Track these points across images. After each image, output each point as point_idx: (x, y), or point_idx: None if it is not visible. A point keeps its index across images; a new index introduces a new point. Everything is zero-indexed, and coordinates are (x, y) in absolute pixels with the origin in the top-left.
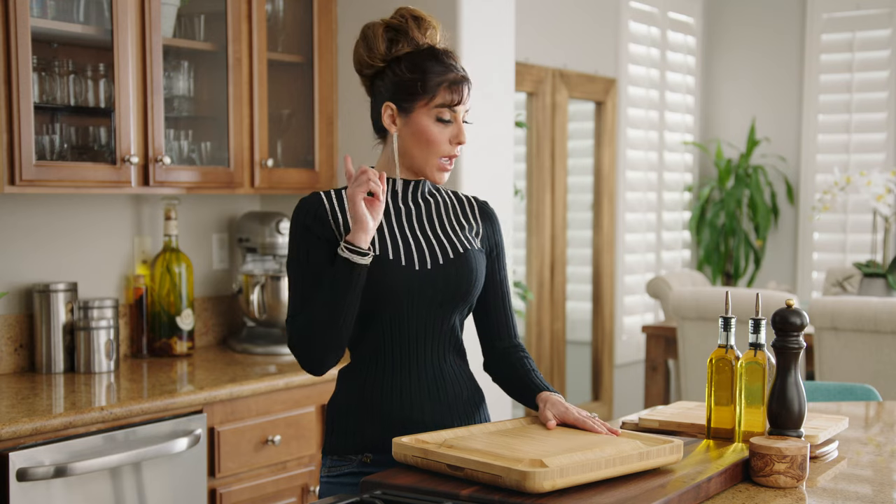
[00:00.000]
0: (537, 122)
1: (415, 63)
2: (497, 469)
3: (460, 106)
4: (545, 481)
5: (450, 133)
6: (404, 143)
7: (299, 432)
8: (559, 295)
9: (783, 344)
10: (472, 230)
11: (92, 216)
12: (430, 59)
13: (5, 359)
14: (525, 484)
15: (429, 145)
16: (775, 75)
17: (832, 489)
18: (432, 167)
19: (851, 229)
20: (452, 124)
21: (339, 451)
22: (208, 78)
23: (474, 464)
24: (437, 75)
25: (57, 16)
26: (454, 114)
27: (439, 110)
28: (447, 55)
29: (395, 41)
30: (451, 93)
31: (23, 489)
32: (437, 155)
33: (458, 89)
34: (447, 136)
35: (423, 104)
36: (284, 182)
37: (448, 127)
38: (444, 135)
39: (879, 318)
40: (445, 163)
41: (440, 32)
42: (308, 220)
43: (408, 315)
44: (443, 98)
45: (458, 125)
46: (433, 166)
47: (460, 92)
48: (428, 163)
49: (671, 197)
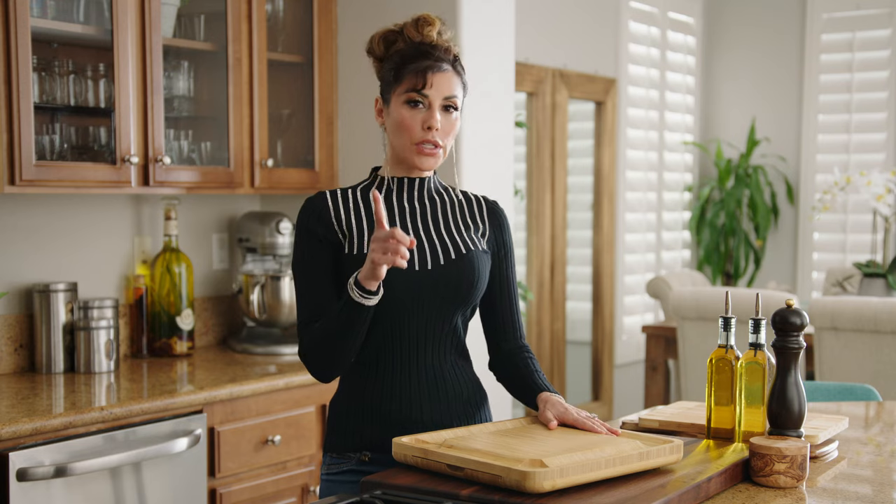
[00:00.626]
0: (537, 122)
1: (397, 55)
2: (497, 469)
3: (430, 91)
4: (545, 481)
5: (422, 119)
6: (389, 134)
7: (299, 432)
8: (559, 295)
9: (783, 344)
10: (477, 230)
11: (92, 216)
12: (410, 49)
13: (5, 359)
14: (525, 484)
15: (401, 130)
16: (775, 75)
17: (832, 489)
18: (411, 153)
19: (851, 229)
20: (425, 110)
21: (338, 449)
22: (208, 78)
23: (474, 464)
24: (409, 62)
25: (57, 16)
26: (426, 99)
27: (409, 94)
28: (430, 46)
29: (393, 42)
30: (417, 77)
31: (23, 489)
32: (411, 140)
33: (425, 74)
34: (419, 122)
35: (395, 92)
36: (284, 182)
37: (420, 113)
38: (416, 120)
39: (879, 318)
40: (425, 147)
41: (439, 29)
42: (311, 222)
43: (409, 316)
44: (409, 83)
45: (430, 111)
46: (411, 152)
47: (426, 77)
48: (405, 149)
49: (671, 197)
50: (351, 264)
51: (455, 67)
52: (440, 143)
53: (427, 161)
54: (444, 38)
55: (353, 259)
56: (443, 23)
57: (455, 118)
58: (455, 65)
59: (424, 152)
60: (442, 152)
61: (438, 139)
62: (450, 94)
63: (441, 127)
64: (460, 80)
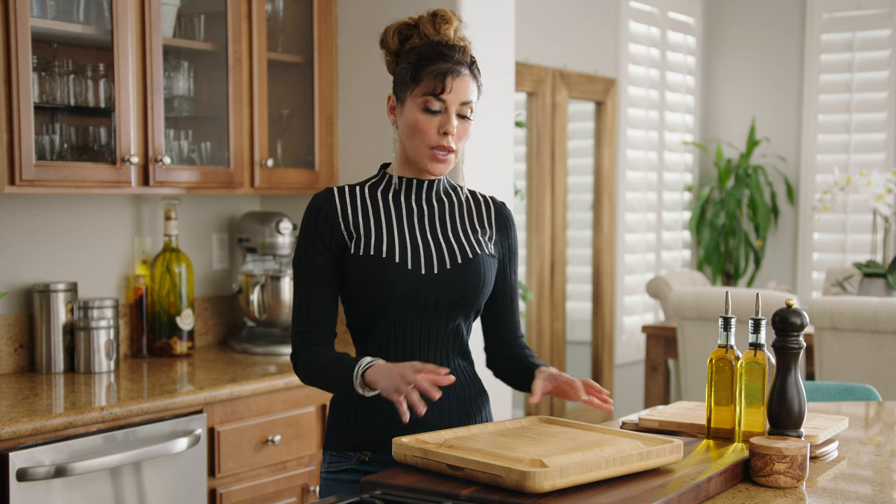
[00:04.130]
0: (537, 122)
1: (413, 54)
2: (497, 469)
3: (448, 96)
4: (545, 481)
5: (438, 123)
6: (401, 134)
7: (299, 432)
8: (559, 295)
9: (783, 344)
10: (484, 234)
11: (92, 216)
12: (428, 49)
13: (5, 359)
14: (525, 484)
15: (416, 134)
16: (775, 75)
17: (832, 489)
18: (423, 157)
19: (851, 229)
20: (441, 114)
21: (338, 448)
22: (208, 78)
23: (474, 464)
24: (428, 64)
25: (57, 16)
26: (443, 104)
27: (426, 99)
28: (448, 47)
29: (409, 37)
30: (436, 81)
31: (23, 489)
32: (425, 145)
33: (444, 79)
34: (435, 126)
35: (412, 93)
36: (284, 182)
37: (437, 117)
38: (432, 124)
39: (879, 318)
40: (438, 153)
41: (456, 27)
42: (318, 222)
43: (412, 318)
44: (427, 86)
45: (446, 115)
46: (424, 156)
47: (444, 82)
48: (419, 153)
49: (671, 197)
50: (356, 265)
51: (472, 71)
52: (454, 147)
53: (439, 167)
54: (460, 35)
55: (358, 259)
56: (459, 20)
57: (469, 123)
58: (472, 68)
59: (438, 158)
60: (454, 157)
61: (453, 144)
62: (467, 99)
63: (456, 132)
64: (476, 84)
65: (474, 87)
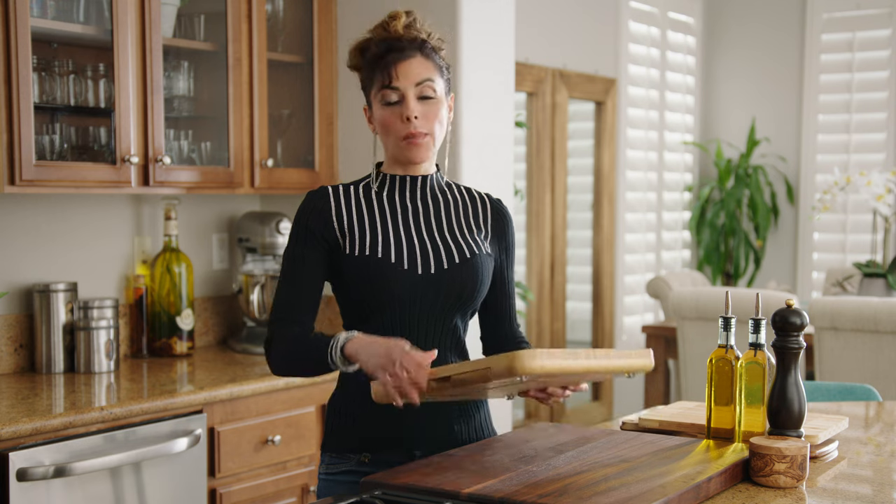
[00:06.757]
0: (537, 122)
1: (366, 58)
2: (484, 363)
3: (399, 82)
4: (534, 361)
5: (399, 112)
6: (380, 136)
7: (299, 432)
8: (559, 295)
9: (783, 344)
10: (480, 232)
11: (92, 216)
12: (376, 48)
13: (5, 359)
14: (515, 366)
15: (386, 131)
16: (775, 75)
17: (832, 489)
18: (399, 149)
19: (851, 229)
20: (401, 103)
21: (336, 449)
22: (208, 78)
23: (458, 369)
24: (377, 61)
25: (57, 16)
26: (398, 91)
27: (382, 93)
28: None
29: (367, 48)
30: (384, 73)
31: (23, 489)
32: (396, 137)
33: (389, 67)
34: (397, 117)
35: (373, 95)
36: (284, 182)
37: (397, 107)
38: (395, 116)
39: (879, 318)
40: (410, 140)
41: (406, 22)
42: (312, 219)
43: (409, 318)
44: (380, 81)
45: (404, 102)
46: (399, 147)
47: (390, 70)
48: (395, 146)
49: (671, 197)
50: (349, 265)
51: (423, 51)
52: (423, 131)
53: (416, 151)
54: (415, 27)
55: (351, 259)
56: (409, 13)
57: (435, 103)
58: (423, 48)
59: (412, 143)
60: (430, 140)
61: (421, 128)
62: (420, 78)
63: (421, 115)
64: (433, 63)
65: (430, 66)
